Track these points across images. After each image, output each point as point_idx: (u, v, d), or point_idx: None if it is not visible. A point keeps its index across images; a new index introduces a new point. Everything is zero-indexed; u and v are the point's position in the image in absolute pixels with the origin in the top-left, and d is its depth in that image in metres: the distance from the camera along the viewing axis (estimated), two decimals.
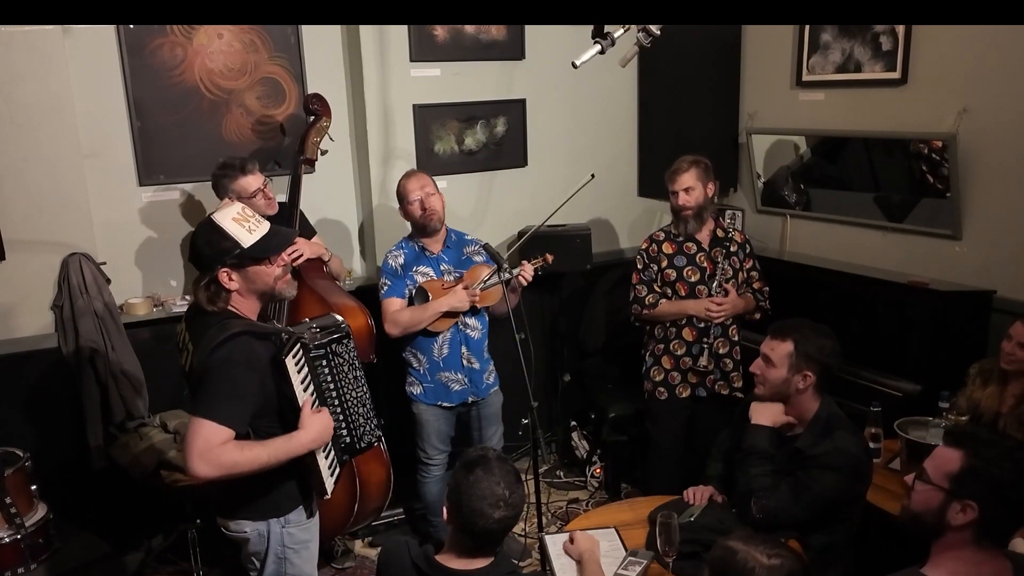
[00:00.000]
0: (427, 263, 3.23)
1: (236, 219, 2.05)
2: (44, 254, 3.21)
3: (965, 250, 3.37)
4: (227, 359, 1.96)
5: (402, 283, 3.20)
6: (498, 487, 1.74)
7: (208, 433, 1.92)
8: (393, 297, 3.19)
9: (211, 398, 1.95)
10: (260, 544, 2.19)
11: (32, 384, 3.27)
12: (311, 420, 2.07)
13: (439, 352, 3.23)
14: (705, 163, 3.25)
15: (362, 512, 2.87)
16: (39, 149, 3.13)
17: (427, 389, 3.29)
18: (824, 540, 2.30)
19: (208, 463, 1.92)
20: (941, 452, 1.69)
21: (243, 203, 3.04)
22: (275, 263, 2.10)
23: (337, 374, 2.21)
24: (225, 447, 1.94)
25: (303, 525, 2.23)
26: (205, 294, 2.07)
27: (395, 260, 3.23)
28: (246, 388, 1.98)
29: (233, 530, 2.20)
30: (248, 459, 1.97)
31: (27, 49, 3.05)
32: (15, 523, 2.65)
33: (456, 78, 3.90)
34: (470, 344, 3.26)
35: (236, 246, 2.03)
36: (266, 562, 2.21)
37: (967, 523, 1.60)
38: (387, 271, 3.22)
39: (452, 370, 3.25)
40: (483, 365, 3.31)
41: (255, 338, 2.03)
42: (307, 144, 3.32)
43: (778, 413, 2.44)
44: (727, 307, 3.25)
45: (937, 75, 3.34)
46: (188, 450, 1.93)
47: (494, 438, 3.44)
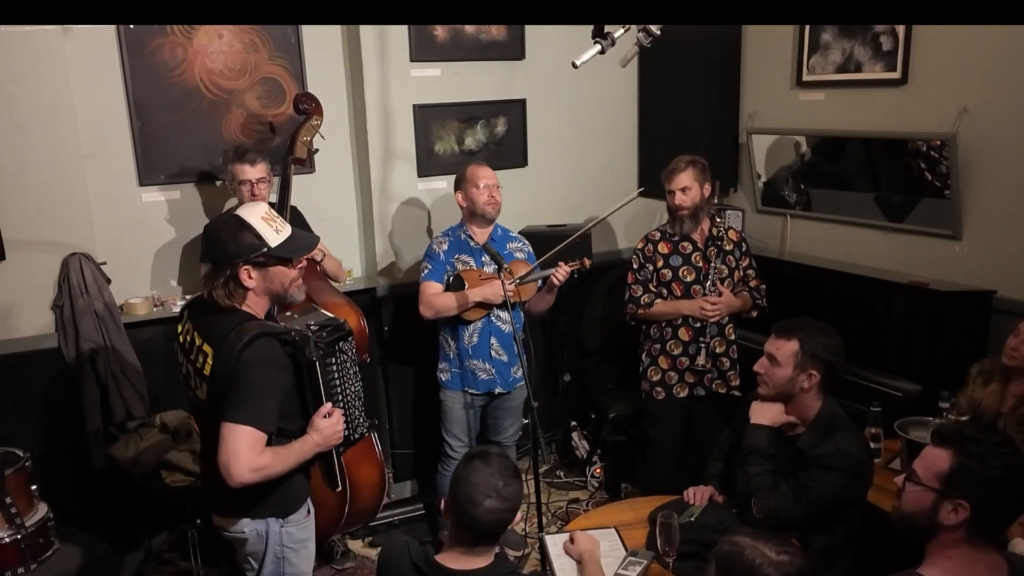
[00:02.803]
0: (469, 252, 3.30)
1: (264, 218, 2.08)
2: (44, 254, 3.21)
3: (965, 250, 3.37)
4: (253, 362, 1.97)
5: (442, 268, 3.28)
6: (492, 478, 1.76)
7: (250, 439, 1.95)
8: (431, 280, 3.27)
9: (246, 403, 1.97)
10: (259, 544, 2.19)
11: (32, 384, 3.27)
12: (322, 424, 2.11)
13: (469, 340, 3.30)
14: (702, 163, 3.25)
15: (354, 513, 2.86)
16: (39, 149, 3.13)
17: (454, 375, 3.37)
18: (824, 541, 2.30)
19: (253, 470, 1.95)
20: (929, 452, 1.69)
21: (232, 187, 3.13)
22: (296, 265, 2.13)
23: (341, 371, 2.25)
24: (264, 454, 1.98)
25: (301, 524, 2.23)
26: (223, 290, 2.06)
27: (439, 246, 3.32)
28: (273, 388, 2.01)
29: (232, 531, 2.19)
30: (282, 462, 2.02)
31: (27, 49, 3.05)
32: (15, 523, 2.65)
33: (456, 78, 3.90)
34: (500, 337, 3.31)
35: (264, 244, 2.05)
36: (264, 562, 2.21)
37: (959, 522, 1.61)
38: (429, 255, 3.32)
39: (480, 359, 3.31)
40: (512, 359, 3.34)
41: (274, 339, 2.06)
42: (296, 143, 3.31)
43: (778, 413, 2.44)
44: (721, 306, 3.25)
45: (937, 75, 3.34)
46: (229, 458, 1.94)
47: (509, 431, 3.50)
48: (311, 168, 3.73)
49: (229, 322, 2.04)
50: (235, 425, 1.95)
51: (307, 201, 3.50)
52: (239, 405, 1.96)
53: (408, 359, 3.96)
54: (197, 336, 2.12)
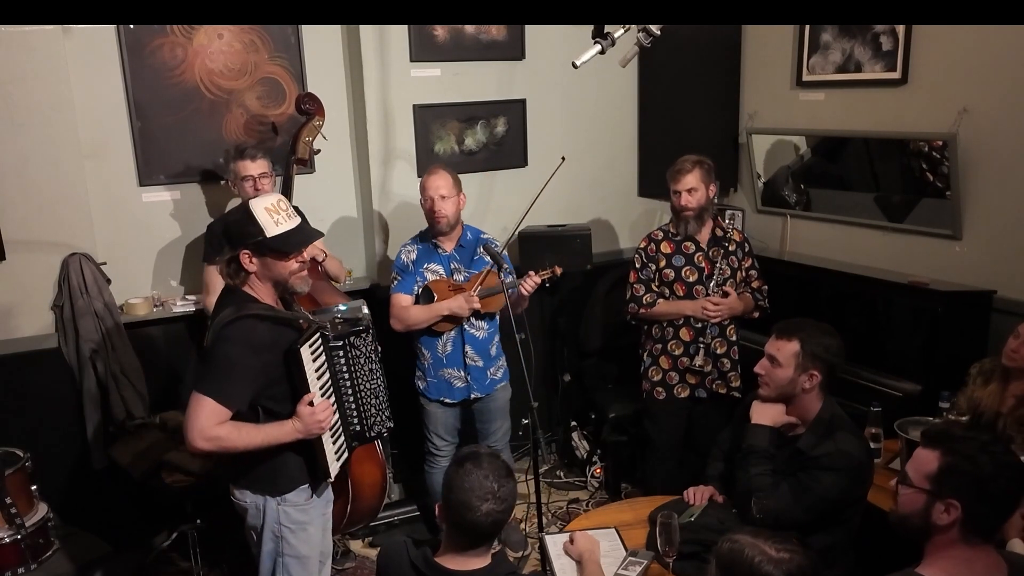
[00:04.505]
0: (438, 261, 3.24)
1: (268, 209, 2.16)
2: (44, 254, 3.21)
3: (965, 250, 3.37)
4: (229, 338, 2.08)
5: (412, 279, 3.22)
6: (487, 480, 1.75)
7: (209, 410, 2.05)
8: (400, 293, 3.21)
9: (212, 376, 2.09)
10: (257, 518, 2.27)
11: (32, 384, 3.27)
12: (304, 412, 2.16)
13: (442, 349, 3.26)
14: (708, 163, 3.25)
15: (356, 512, 2.86)
16: (39, 149, 3.13)
17: (431, 384, 3.33)
18: (825, 541, 2.29)
19: (205, 439, 2.05)
20: (919, 454, 1.70)
21: (235, 185, 3.16)
22: (293, 258, 2.20)
23: (353, 365, 2.32)
24: (223, 425, 2.07)
25: (300, 506, 2.28)
26: (227, 269, 2.19)
27: (407, 256, 3.26)
28: (245, 368, 2.09)
29: (237, 498, 2.29)
30: (242, 438, 2.10)
31: (27, 49, 3.05)
32: (15, 523, 2.65)
33: (456, 78, 3.90)
34: (475, 344, 3.27)
35: (260, 233, 2.13)
36: (263, 537, 2.28)
37: (952, 522, 1.61)
38: (398, 266, 3.26)
39: (454, 367, 3.27)
40: (488, 362, 3.31)
41: (271, 323, 2.15)
42: (298, 144, 3.32)
43: (779, 413, 2.44)
44: (724, 308, 3.24)
45: (937, 75, 3.34)
46: (187, 424, 2.06)
47: (498, 433, 3.45)
48: (311, 168, 3.73)
49: (230, 300, 2.16)
50: (199, 395, 2.06)
51: (307, 201, 3.50)
52: (206, 376, 2.10)
53: (409, 358, 3.95)
54: (212, 316, 2.23)
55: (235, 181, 3.17)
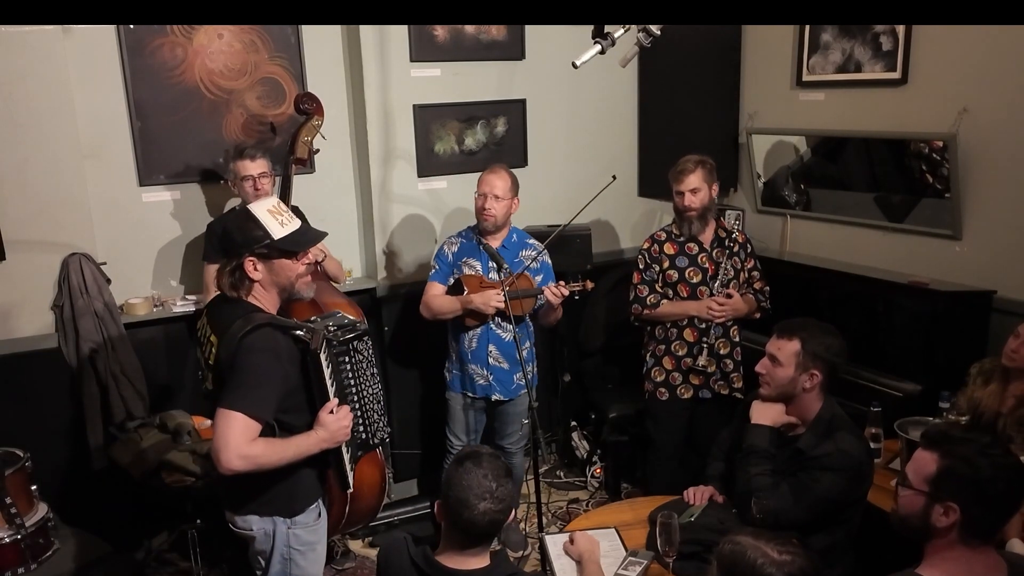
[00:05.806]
0: (478, 257, 3.29)
1: (271, 211, 2.11)
2: (44, 254, 3.21)
3: (965, 250, 3.37)
4: (252, 348, 1.99)
5: (448, 270, 3.30)
6: (485, 479, 1.75)
7: (241, 426, 1.94)
8: (435, 282, 3.30)
9: (241, 389, 1.97)
10: (266, 543, 2.19)
11: (32, 384, 3.26)
12: (328, 419, 2.10)
13: (468, 344, 3.31)
14: (711, 164, 3.25)
15: (355, 512, 2.86)
16: (39, 149, 3.13)
17: (455, 376, 3.41)
18: (825, 541, 2.29)
19: (241, 457, 1.94)
20: (918, 456, 1.69)
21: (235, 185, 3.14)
22: (300, 260, 2.14)
23: (356, 371, 2.25)
24: (256, 443, 1.97)
25: (310, 527, 2.23)
26: (229, 279, 2.10)
27: (449, 247, 3.33)
28: (272, 377, 2.00)
29: (240, 526, 2.20)
30: (277, 454, 2.01)
31: (27, 49, 3.05)
32: (15, 523, 2.65)
33: (456, 78, 3.90)
34: (500, 344, 3.30)
35: (267, 236, 2.07)
36: (271, 561, 2.21)
37: (951, 524, 1.61)
38: (439, 256, 3.33)
39: (477, 364, 3.32)
40: (514, 367, 3.32)
41: (279, 331, 2.07)
42: (297, 143, 3.31)
43: (779, 413, 2.43)
44: (728, 308, 3.24)
45: (937, 75, 3.34)
46: (219, 443, 1.94)
47: (514, 436, 3.47)
48: (311, 168, 3.73)
49: (235, 312, 2.07)
50: (228, 411, 1.95)
51: (307, 201, 3.50)
52: (234, 390, 1.97)
53: (408, 359, 3.96)
54: (208, 327, 2.15)
55: (235, 181, 3.17)
